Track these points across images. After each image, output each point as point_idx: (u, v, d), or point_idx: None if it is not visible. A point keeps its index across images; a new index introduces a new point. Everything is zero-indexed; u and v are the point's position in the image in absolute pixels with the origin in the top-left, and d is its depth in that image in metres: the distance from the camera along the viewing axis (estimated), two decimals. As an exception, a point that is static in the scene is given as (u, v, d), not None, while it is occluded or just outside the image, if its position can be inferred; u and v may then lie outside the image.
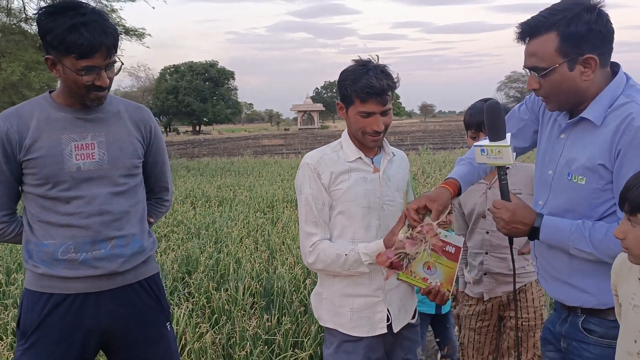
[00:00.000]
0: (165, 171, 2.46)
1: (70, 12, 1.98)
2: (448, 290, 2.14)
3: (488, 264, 2.90)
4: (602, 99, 1.80)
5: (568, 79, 1.77)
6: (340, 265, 2.21)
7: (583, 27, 1.72)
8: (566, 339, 1.99)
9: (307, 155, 2.36)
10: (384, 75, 2.17)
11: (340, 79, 2.24)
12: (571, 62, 1.75)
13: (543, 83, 1.81)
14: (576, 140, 1.88)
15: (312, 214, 2.26)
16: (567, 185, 1.88)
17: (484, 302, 2.99)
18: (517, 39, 1.85)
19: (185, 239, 7.11)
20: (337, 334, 2.31)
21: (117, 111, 2.23)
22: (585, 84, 1.79)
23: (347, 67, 2.25)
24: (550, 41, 1.75)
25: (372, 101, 2.16)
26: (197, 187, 12.81)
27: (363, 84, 2.14)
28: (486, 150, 1.92)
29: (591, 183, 1.80)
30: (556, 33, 1.74)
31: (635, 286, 1.59)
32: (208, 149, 34.53)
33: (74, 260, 2.11)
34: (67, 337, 2.13)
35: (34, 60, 17.66)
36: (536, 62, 1.80)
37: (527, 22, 1.82)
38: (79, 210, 2.11)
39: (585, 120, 1.83)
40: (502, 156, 1.90)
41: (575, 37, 1.73)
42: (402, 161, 2.44)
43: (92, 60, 1.98)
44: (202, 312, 4.48)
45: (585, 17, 1.72)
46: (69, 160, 2.10)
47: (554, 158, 1.96)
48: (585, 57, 1.75)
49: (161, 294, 2.37)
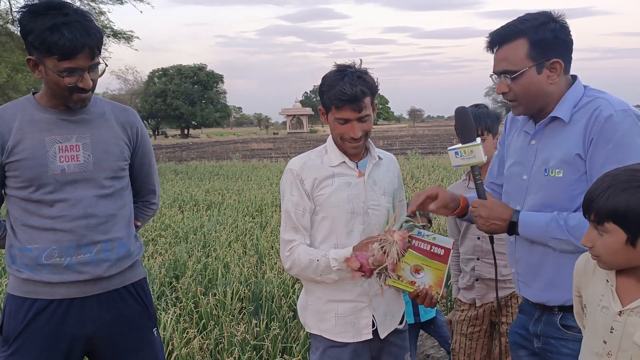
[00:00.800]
0: (152, 174, 2.42)
1: (52, 11, 1.93)
2: (437, 292, 2.13)
3: (480, 269, 2.91)
4: (568, 99, 1.93)
5: (536, 82, 1.90)
6: (313, 270, 2.19)
7: (550, 35, 1.88)
8: (541, 337, 2.02)
9: (291, 161, 2.34)
10: (359, 81, 2.15)
11: (320, 84, 2.24)
12: (539, 66, 1.89)
13: (512, 86, 1.93)
14: (548, 141, 1.97)
15: (291, 220, 2.25)
16: (544, 181, 1.94)
17: (476, 308, 2.99)
18: (487, 48, 1.98)
19: (173, 243, 7.06)
20: (322, 339, 2.29)
21: (102, 112, 2.19)
22: (550, 88, 1.92)
23: (327, 73, 2.23)
24: (520, 46, 1.89)
25: (346, 108, 2.15)
26: (185, 190, 12.75)
27: (337, 90, 2.13)
28: (460, 152, 2.07)
29: (568, 174, 1.87)
30: (526, 39, 1.89)
31: (601, 287, 1.61)
32: (196, 153, 34.39)
33: (59, 265, 2.07)
34: (51, 344, 2.08)
35: (21, 62, 17.55)
36: (507, 66, 1.92)
37: (496, 31, 1.95)
38: (63, 213, 2.06)
39: (554, 121, 1.95)
40: (475, 155, 2.04)
41: (544, 43, 1.88)
42: (390, 164, 2.42)
43: (74, 61, 1.94)
44: (190, 317, 4.43)
45: (551, 25, 1.88)
46: (53, 162, 2.05)
47: (527, 164, 2.03)
48: (552, 61, 1.89)
49: (148, 300, 2.33)
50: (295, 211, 2.24)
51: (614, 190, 1.48)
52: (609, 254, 1.53)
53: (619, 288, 1.57)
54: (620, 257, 1.53)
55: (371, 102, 2.21)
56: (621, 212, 1.47)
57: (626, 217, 1.47)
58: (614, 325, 1.55)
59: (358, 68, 2.21)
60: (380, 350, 2.34)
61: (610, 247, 1.52)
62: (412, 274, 2.13)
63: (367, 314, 2.26)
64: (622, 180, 1.49)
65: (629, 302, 1.54)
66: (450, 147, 2.10)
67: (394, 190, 2.39)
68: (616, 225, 1.49)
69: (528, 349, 2.10)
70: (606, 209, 1.49)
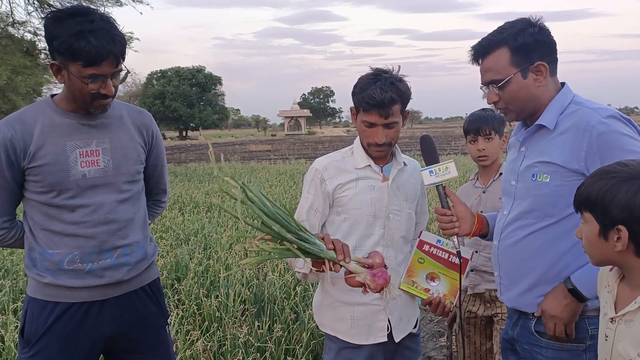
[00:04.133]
0: (164, 174, 2.45)
1: (78, 17, 1.93)
2: (451, 302, 2.15)
3: (476, 261, 2.95)
4: (554, 106, 1.96)
5: (523, 86, 1.94)
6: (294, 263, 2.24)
7: (530, 39, 1.92)
8: (518, 342, 2.05)
9: (317, 160, 2.37)
10: (391, 87, 2.15)
11: (354, 85, 2.26)
12: (524, 71, 1.93)
13: (502, 95, 1.97)
14: (535, 147, 2.00)
15: (301, 216, 2.30)
16: (531, 186, 1.96)
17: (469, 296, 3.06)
18: (471, 61, 2.03)
19: (174, 245, 7.07)
20: (337, 340, 2.32)
21: (119, 116, 2.20)
22: (539, 90, 1.95)
23: (363, 75, 2.25)
24: (502, 55, 1.94)
25: (373, 112, 2.17)
26: (185, 192, 12.73)
27: (367, 93, 2.16)
28: (434, 171, 2.10)
29: (555, 179, 1.89)
30: (507, 47, 1.93)
31: (604, 294, 1.62)
32: (195, 154, 34.36)
33: (80, 270, 2.09)
34: (71, 345, 2.11)
35: (21, 64, 17.55)
36: (493, 76, 1.96)
37: (478, 44, 2.00)
38: (85, 219, 2.08)
39: (541, 128, 1.98)
40: (450, 171, 2.10)
41: (524, 48, 1.92)
42: (414, 171, 2.42)
43: (98, 68, 1.94)
44: (193, 320, 4.45)
45: (529, 30, 1.92)
46: (74, 167, 2.06)
47: (515, 169, 2.07)
48: (535, 64, 1.92)
49: (161, 298, 2.37)
50: (307, 209, 2.28)
51: (593, 179, 1.53)
52: (589, 246, 1.56)
53: (619, 295, 1.56)
54: (597, 250, 1.54)
55: (401, 110, 2.22)
56: (592, 199, 1.50)
57: (595, 205, 1.49)
58: (607, 333, 1.55)
59: (393, 74, 2.21)
60: (394, 353, 2.36)
61: (588, 238, 1.55)
62: (427, 281, 2.16)
63: (382, 317, 2.28)
64: (604, 170, 1.53)
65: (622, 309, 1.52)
66: (423, 168, 2.13)
67: (417, 197, 2.41)
68: (590, 214, 1.52)
69: (515, 352, 2.12)
70: (582, 196, 1.54)
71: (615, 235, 1.47)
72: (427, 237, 2.24)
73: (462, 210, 2.12)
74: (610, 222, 1.47)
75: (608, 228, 1.48)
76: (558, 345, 1.92)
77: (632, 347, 1.45)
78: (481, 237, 2.22)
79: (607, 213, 1.46)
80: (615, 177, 1.47)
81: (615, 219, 1.45)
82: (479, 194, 2.97)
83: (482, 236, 2.20)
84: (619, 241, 1.46)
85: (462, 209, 2.12)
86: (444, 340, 4.59)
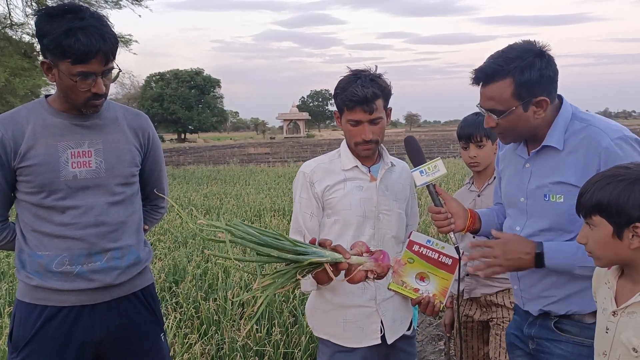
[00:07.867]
0: (162, 179, 2.42)
1: (68, 15, 1.91)
2: (440, 301, 2.14)
3: (471, 265, 2.93)
4: (558, 126, 1.96)
5: (523, 119, 1.93)
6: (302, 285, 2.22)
7: (536, 74, 1.87)
8: (535, 339, 2.06)
9: (304, 164, 2.38)
10: (372, 83, 2.19)
11: (335, 88, 2.28)
12: (526, 104, 1.91)
13: (500, 122, 1.96)
14: (542, 166, 2.00)
15: (298, 222, 2.29)
16: (545, 206, 1.98)
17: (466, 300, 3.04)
18: (473, 83, 1.99)
19: (172, 247, 7.05)
20: (330, 344, 2.30)
21: (115, 118, 2.18)
22: (537, 122, 1.95)
23: (343, 76, 2.27)
24: (506, 87, 1.90)
25: (358, 109, 2.19)
26: (183, 195, 12.73)
27: (349, 92, 2.18)
28: (424, 170, 2.13)
29: (569, 199, 1.87)
30: (511, 80, 1.88)
31: (604, 291, 1.69)
32: (194, 157, 34.37)
33: (69, 272, 2.06)
34: (60, 350, 2.08)
35: (19, 66, 17.53)
36: (494, 105, 1.94)
37: (482, 68, 1.94)
38: (75, 220, 2.05)
39: (547, 148, 1.98)
40: (439, 169, 2.14)
41: (529, 83, 1.88)
42: (403, 172, 2.43)
43: (87, 66, 1.92)
44: (191, 323, 4.43)
45: (537, 64, 1.87)
46: (65, 168, 2.04)
47: (522, 186, 2.07)
48: (538, 99, 1.91)
49: (156, 305, 2.33)
50: (302, 214, 2.28)
51: (599, 185, 1.59)
52: (599, 248, 1.62)
53: (618, 291, 1.64)
54: (610, 251, 1.60)
55: (384, 106, 2.24)
56: (604, 203, 1.56)
57: (609, 208, 1.55)
58: (608, 326, 1.63)
59: (372, 72, 2.24)
60: (387, 356, 2.35)
61: (599, 241, 1.60)
62: (416, 281, 2.15)
63: (375, 319, 2.27)
64: (607, 175, 1.60)
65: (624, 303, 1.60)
66: (413, 169, 2.16)
67: (407, 198, 2.41)
68: (602, 217, 1.58)
69: (523, 350, 2.14)
70: (592, 202, 1.59)
71: (631, 234, 1.55)
72: (416, 238, 2.25)
73: (455, 206, 2.14)
74: (626, 221, 1.54)
75: (623, 227, 1.55)
76: (578, 341, 1.95)
77: (636, 337, 1.55)
78: (472, 233, 2.24)
79: (623, 213, 1.54)
80: (623, 179, 1.55)
81: (632, 217, 1.53)
82: (474, 197, 2.99)
83: (474, 232, 2.21)
84: (634, 238, 1.54)
85: (454, 205, 2.14)
86: (442, 345, 4.58)
